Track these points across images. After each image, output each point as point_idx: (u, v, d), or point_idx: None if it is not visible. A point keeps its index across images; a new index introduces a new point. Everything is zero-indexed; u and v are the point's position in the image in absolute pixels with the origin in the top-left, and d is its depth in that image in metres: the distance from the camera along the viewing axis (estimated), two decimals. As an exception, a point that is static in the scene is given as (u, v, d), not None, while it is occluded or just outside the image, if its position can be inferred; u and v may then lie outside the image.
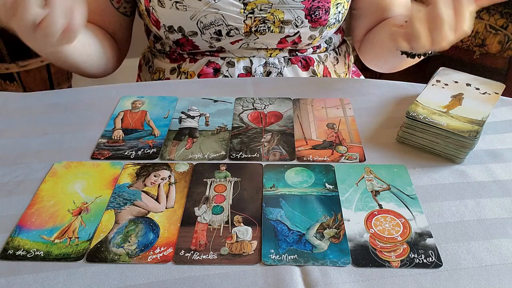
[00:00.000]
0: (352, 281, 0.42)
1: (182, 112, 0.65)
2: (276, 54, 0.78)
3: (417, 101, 0.58)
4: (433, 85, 0.62)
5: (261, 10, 0.71)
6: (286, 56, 0.79)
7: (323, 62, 0.82)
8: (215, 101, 0.68)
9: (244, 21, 0.71)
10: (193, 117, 0.64)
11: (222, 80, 0.76)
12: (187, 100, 0.68)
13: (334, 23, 0.76)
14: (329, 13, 0.73)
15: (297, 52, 0.80)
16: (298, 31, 0.73)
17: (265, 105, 0.67)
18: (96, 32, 0.75)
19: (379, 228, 0.47)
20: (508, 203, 0.50)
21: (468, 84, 0.63)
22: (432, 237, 0.46)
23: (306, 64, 0.80)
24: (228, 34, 0.72)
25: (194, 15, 0.70)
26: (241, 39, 0.74)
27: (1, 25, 0.54)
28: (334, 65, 0.85)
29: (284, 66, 0.79)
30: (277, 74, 0.78)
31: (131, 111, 0.65)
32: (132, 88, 0.72)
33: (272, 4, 0.70)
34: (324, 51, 0.83)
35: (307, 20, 0.72)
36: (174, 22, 0.72)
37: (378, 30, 0.79)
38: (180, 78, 0.80)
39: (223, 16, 0.70)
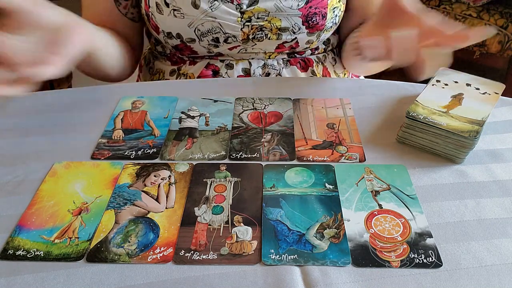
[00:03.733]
0: (352, 281, 0.42)
1: (182, 112, 0.65)
2: (275, 56, 0.78)
3: (417, 101, 0.58)
4: (433, 85, 0.62)
5: (258, 18, 0.71)
6: (285, 58, 0.79)
7: (322, 62, 0.82)
8: (215, 101, 0.68)
9: (241, 29, 0.71)
10: (193, 117, 0.64)
11: (222, 80, 0.76)
12: (187, 100, 0.68)
13: (331, 27, 0.76)
14: (326, 18, 0.73)
15: (295, 54, 0.80)
16: (296, 37, 0.73)
17: (265, 105, 0.67)
18: (111, 33, 0.75)
19: (379, 228, 0.47)
20: (508, 203, 0.50)
21: (468, 84, 0.62)
22: (432, 237, 0.46)
23: (305, 65, 0.80)
24: (225, 41, 0.73)
25: (192, 23, 0.70)
26: (239, 45, 0.74)
27: None
28: (333, 65, 0.85)
29: (283, 68, 0.79)
30: (276, 75, 0.79)
31: (131, 111, 0.65)
32: (132, 88, 0.72)
33: (269, 12, 0.70)
34: (322, 52, 0.83)
35: (304, 27, 0.72)
36: (172, 29, 0.72)
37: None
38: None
39: (220, 25, 0.70)
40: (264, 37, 0.73)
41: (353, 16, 0.82)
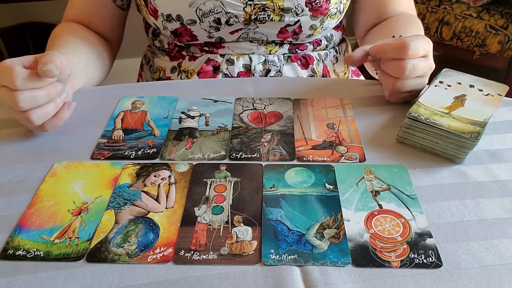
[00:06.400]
0: (352, 281, 0.42)
1: (182, 112, 0.65)
2: (276, 51, 0.78)
3: (419, 101, 0.58)
4: (436, 86, 0.62)
5: None
6: (285, 54, 0.79)
7: (322, 60, 0.82)
8: (215, 101, 0.68)
9: (243, 9, 0.71)
10: (193, 117, 0.64)
11: (222, 80, 0.75)
12: (187, 100, 0.68)
13: (336, 13, 0.75)
14: (330, 2, 0.72)
15: (297, 50, 0.79)
16: (299, 20, 0.73)
17: (265, 105, 0.67)
18: (94, 48, 0.77)
19: (379, 228, 0.47)
20: (508, 203, 0.50)
21: (471, 86, 0.62)
22: (432, 237, 0.46)
23: (306, 63, 0.80)
24: (227, 22, 0.72)
25: (193, 2, 0.70)
26: (241, 29, 0.73)
27: None
28: (334, 64, 0.85)
29: (283, 64, 0.78)
30: (277, 72, 0.78)
31: (131, 111, 0.65)
32: (132, 88, 0.72)
33: None
34: (324, 49, 0.83)
35: (308, 9, 0.71)
36: (173, 10, 0.71)
37: (372, 38, 0.79)
38: (181, 77, 0.80)
39: (222, 3, 0.70)
40: (267, 18, 0.72)
41: (366, 16, 0.82)
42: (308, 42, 0.79)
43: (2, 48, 1.79)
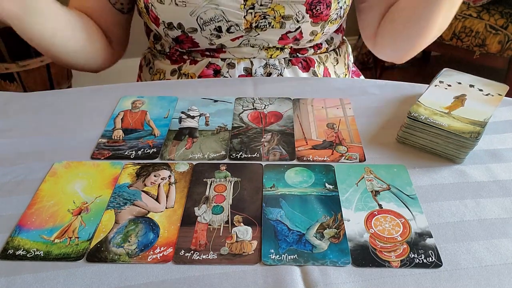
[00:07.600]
0: (352, 281, 0.42)
1: (182, 112, 0.65)
2: (277, 55, 0.78)
3: (419, 101, 0.58)
4: (436, 86, 0.62)
5: (261, 5, 0.70)
6: (286, 57, 0.79)
7: (323, 63, 0.82)
8: (215, 101, 0.68)
9: (244, 17, 0.71)
10: (193, 117, 0.64)
11: (222, 80, 0.75)
12: (187, 100, 0.68)
13: (336, 19, 0.75)
14: (330, 8, 0.72)
15: (297, 53, 0.79)
16: (299, 27, 0.72)
17: (265, 105, 0.67)
18: (84, 24, 0.74)
19: (379, 228, 0.47)
20: (508, 203, 0.50)
21: (471, 85, 0.62)
22: (432, 237, 0.46)
23: (307, 65, 0.80)
24: (228, 30, 0.72)
25: (194, 11, 0.70)
26: (242, 36, 0.73)
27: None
28: (334, 65, 0.85)
29: (284, 68, 0.78)
30: (278, 75, 0.78)
31: (131, 111, 0.65)
32: (132, 88, 0.72)
33: None
34: (325, 51, 0.83)
35: (308, 15, 0.71)
36: (174, 18, 0.71)
37: (398, 6, 0.76)
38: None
39: (223, 12, 0.70)
40: (268, 26, 0.71)
41: (375, 6, 0.81)
42: (309, 46, 0.79)
43: (2, 48, 1.79)
